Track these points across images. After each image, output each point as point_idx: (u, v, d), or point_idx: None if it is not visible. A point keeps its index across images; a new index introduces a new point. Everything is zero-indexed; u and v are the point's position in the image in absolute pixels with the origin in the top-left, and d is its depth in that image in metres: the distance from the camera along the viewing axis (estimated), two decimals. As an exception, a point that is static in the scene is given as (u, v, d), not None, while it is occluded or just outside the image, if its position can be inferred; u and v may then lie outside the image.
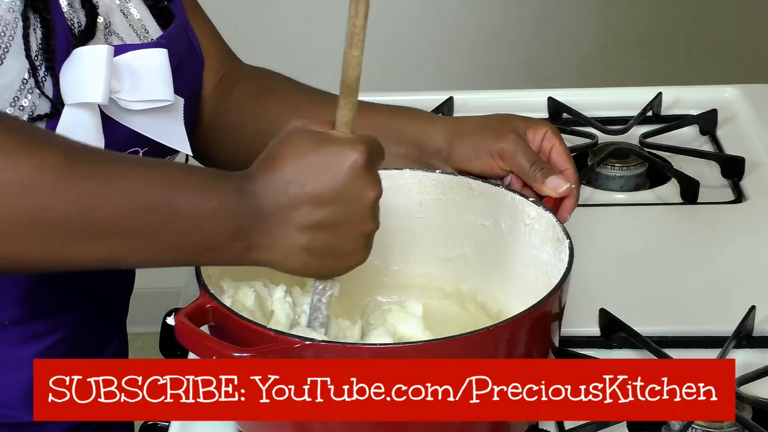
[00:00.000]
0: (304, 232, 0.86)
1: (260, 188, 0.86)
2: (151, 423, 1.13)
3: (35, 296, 1.08)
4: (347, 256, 0.89)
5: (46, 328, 1.10)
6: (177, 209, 0.85)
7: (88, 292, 1.13)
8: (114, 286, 1.19)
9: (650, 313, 1.18)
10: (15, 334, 1.09)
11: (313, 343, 0.87)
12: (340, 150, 0.86)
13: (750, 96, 1.61)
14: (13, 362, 1.09)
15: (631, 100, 1.60)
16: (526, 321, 0.91)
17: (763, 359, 1.11)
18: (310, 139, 0.87)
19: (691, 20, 2.69)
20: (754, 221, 1.34)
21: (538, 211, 1.03)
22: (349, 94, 0.89)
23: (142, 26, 1.10)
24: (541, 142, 1.09)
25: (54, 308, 1.10)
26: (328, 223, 0.86)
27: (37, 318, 1.09)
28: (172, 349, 1.28)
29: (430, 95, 1.59)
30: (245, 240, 0.86)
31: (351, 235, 0.88)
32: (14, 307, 1.07)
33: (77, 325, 1.13)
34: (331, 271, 0.91)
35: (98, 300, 1.15)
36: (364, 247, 0.89)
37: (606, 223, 1.34)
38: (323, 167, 0.85)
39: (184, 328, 0.89)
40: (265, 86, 1.23)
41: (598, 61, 2.70)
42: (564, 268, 0.95)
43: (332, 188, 0.85)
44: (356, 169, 0.86)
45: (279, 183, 0.86)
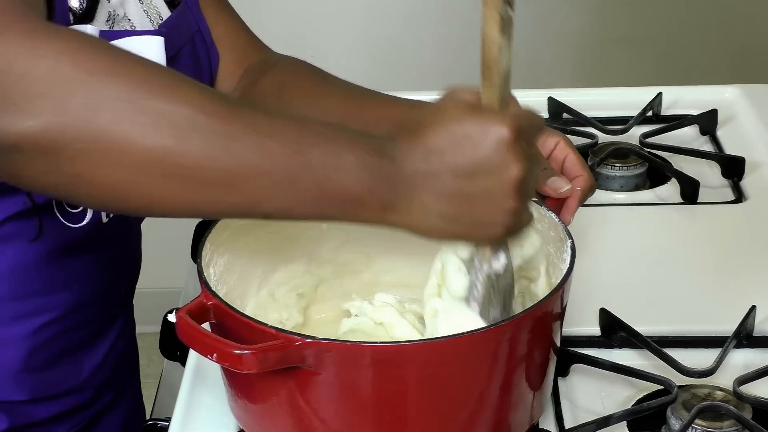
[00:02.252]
0: (440, 199, 0.85)
1: (400, 152, 0.85)
2: (151, 423, 1.13)
3: (25, 273, 1.07)
4: (484, 227, 0.87)
5: (38, 307, 1.09)
6: (311, 158, 0.83)
7: (84, 272, 1.12)
8: (115, 268, 1.18)
9: (650, 313, 1.18)
10: (5, 311, 1.08)
11: (315, 341, 0.87)
12: (485, 123, 0.84)
13: (750, 96, 1.61)
14: (4, 340, 1.09)
15: (631, 100, 1.60)
16: (528, 320, 0.91)
17: (763, 359, 1.11)
18: (457, 110, 0.85)
19: (691, 20, 2.69)
20: (754, 221, 1.35)
21: (540, 211, 1.03)
22: (488, 76, 0.87)
23: (156, 12, 1.10)
24: (553, 151, 1.10)
25: (46, 287, 1.09)
26: (465, 193, 0.85)
27: (27, 296, 1.08)
28: (173, 348, 1.28)
29: (430, 95, 1.59)
30: (381, 199, 0.85)
31: (490, 208, 0.86)
32: (3, 283, 1.07)
33: (72, 306, 1.12)
34: (468, 236, 0.89)
35: (97, 282, 1.14)
36: (503, 222, 0.87)
37: (606, 223, 1.34)
38: (465, 139, 0.84)
39: (186, 325, 0.89)
40: (289, 79, 1.22)
41: (598, 61, 2.70)
42: (566, 267, 0.95)
43: (472, 160, 0.84)
44: (500, 143, 0.84)
45: (420, 150, 0.85)
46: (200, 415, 1.05)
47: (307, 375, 0.88)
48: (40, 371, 1.12)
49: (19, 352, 1.09)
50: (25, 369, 1.10)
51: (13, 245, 1.05)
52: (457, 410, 0.91)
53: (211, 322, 0.92)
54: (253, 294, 1.06)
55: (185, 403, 1.06)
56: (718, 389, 1.04)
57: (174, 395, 1.08)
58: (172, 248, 1.78)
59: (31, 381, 1.11)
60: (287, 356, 0.86)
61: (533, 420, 0.98)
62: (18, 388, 1.10)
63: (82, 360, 1.16)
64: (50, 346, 1.11)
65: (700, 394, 1.03)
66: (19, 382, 1.10)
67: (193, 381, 1.09)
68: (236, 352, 0.86)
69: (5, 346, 1.09)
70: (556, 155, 1.10)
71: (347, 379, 0.88)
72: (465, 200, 0.85)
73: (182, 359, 1.18)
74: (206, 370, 1.09)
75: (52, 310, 1.10)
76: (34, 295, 1.09)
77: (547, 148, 1.10)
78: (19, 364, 1.10)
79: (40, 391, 1.13)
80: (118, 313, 1.22)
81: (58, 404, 1.15)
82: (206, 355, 0.88)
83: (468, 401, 0.91)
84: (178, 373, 1.16)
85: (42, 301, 1.10)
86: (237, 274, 1.03)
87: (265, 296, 1.06)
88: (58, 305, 1.11)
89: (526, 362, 0.93)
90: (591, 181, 1.09)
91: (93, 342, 1.17)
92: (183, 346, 1.24)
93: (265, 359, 0.86)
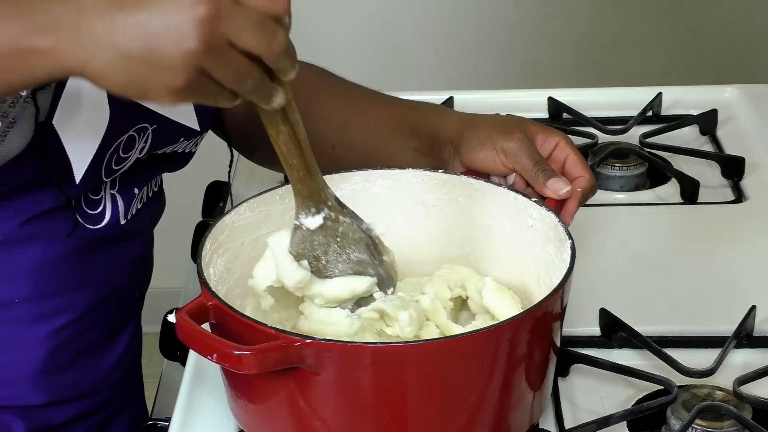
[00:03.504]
0: (112, 26, 0.76)
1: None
2: (151, 423, 1.13)
3: (46, 273, 1.07)
4: (162, 70, 0.77)
5: (57, 308, 1.10)
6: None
7: (101, 273, 1.13)
8: (130, 269, 1.19)
9: (650, 313, 1.18)
10: (25, 312, 1.08)
11: (314, 341, 0.87)
12: None
13: (750, 96, 1.61)
14: (23, 341, 1.09)
15: (631, 100, 1.60)
16: (528, 321, 0.91)
17: (763, 359, 1.11)
18: None
19: (691, 20, 2.69)
20: (754, 221, 1.35)
21: (540, 211, 1.03)
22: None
23: None
24: (553, 151, 1.10)
25: (64, 287, 1.09)
26: (134, 22, 0.76)
27: (46, 297, 1.08)
28: (173, 348, 1.29)
29: (430, 95, 1.59)
30: (43, 32, 0.77)
31: (165, 46, 0.76)
32: (24, 284, 1.07)
33: (89, 306, 1.12)
34: (145, 84, 0.78)
35: (113, 283, 1.15)
36: (181, 68, 0.77)
37: (606, 223, 1.34)
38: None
39: (185, 325, 0.89)
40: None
41: (598, 61, 2.70)
42: (566, 268, 0.95)
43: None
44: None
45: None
46: (200, 415, 1.05)
47: (306, 375, 0.88)
48: (58, 373, 1.12)
49: (38, 354, 1.10)
50: (43, 371, 1.10)
51: (35, 245, 1.06)
52: (457, 410, 0.91)
53: (210, 322, 0.92)
54: (253, 294, 1.06)
55: (185, 403, 1.06)
56: (718, 389, 1.04)
57: (174, 395, 1.08)
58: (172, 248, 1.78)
59: (49, 383, 1.11)
60: (287, 357, 0.86)
61: (533, 420, 0.98)
62: (36, 391, 1.11)
63: (99, 361, 1.17)
64: (68, 347, 1.12)
65: (700, 394, 1.03)
66: (37, 385, 1.10)
67: (193, 381, 1.09)
68: (236, 353, 0.86)
69: (24, 347, 1.09)
70: (556, 155, 1.10)
71: (347, 379, 0.88)
72: (136, 31, 0.76)
73: (182, 359, 1.18)
74: (206, 370, 1.09)
75: (69, 311, 1.11)
76: (53, 296, 1.09)
77: (547, 149, 1.10)
78: (37, 366, 1.10)
79: (58, 394, 1.13)
80: (131, 315, 1.22)
81: (75, 407, 1.15)
82: (206, 355, 0.88)
83: (468, 401, 0.91)
84: (178, 373, 1.16)
85: (60, 302, 1.10)
86: (237, 274, 1.03)
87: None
88: (75, 306, 1.11)
89: (527, 362, 0.93)
90: (592, 182, 1.09)
91: (108, 343, 1.18)
92: (183, 346, 1.24)
93: (264, 360, 0.86)
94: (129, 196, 1.12)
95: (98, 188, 1.08)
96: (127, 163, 1.08)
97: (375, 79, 1.40)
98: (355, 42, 2.68)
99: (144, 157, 1.10)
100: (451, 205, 1.09)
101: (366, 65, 2.66)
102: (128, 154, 1.07)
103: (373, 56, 2.70)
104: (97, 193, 1.09)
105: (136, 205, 1.13)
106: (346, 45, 2.67)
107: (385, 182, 1.08)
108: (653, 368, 1.08)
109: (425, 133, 1.16)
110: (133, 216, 1.13)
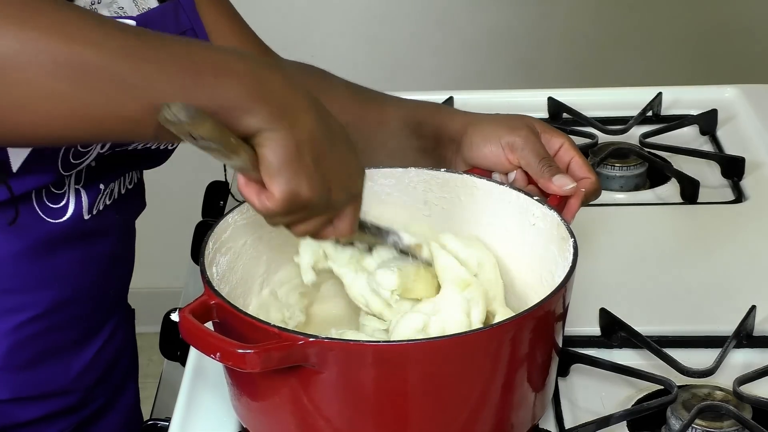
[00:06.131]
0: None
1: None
2: (151, 423, 1.13)
3: (5, 268, 1.05)
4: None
5: (16, 304, 1.07)
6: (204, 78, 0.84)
7: (65, 270, 1.10)
8: (101, 268, 1.16)
9: (650, 313, 1.18)
10: None
11: (317, 340, 0.87)
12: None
13: (750, 96, 1.61)
14: None
15: (631, 100, 1.60)
16: (530, 320, 0.91)
17: (763, 359, 1.11)
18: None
19: (691, 20, 2.69)
20: (754, 221, 1.35)
21: (542, 209, 1.03)
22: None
23: (146, 4, 1.08)
24: (557, 152, 1.10)
25: (24, 284, 1.07)
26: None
27: (7, 292, 1.06)
28: (173, 348, 1.29)
29: (430, 95, 1.59)
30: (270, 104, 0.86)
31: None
32: None
33: (54, 304, 1.10)
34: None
35: (81, 281, 1.12)
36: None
37: (606, 223, 1.35)
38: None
39: (189, 324, 0.89)
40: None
41: (598, 61, 2.70)
42: (568, 266, 0.96)
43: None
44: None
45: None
46: (200, 415, 1.05)
47: (309, 374, 0.88)
48: (22, 370, 1.10)
49: (1, 348, 1.07)
50: (5, 367, 1.09)
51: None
52: (460, 409, 0.91)
53: (213, 321, 0.92)
54: (256, 293, 1.06)
55: (185, 403, 1.06)
56: (718, 389, 1.04)
57: (174, 395, 1.08)
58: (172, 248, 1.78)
59: (12, 380, 1.09)
60: (290, 355, 0.87)
61: (535, 420, 0.98)
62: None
63: (69, 361, 1.14)
64: (31, 344, 1.10)
65: (700, 394, 1.03)
66: (0, 381, 1.09)
67: (193, 381, 1.09)
68: (239, 352, 0.86)
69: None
70: (561, 156, 1.10)
71: (350, 378, 0.88)
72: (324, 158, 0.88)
73: (182, 359, 1.18)
74: (206, 369, 1.09)
75: (31, 308, 1.08)
76: (12, 292, 1.07)
77: (551, 148, 1.10)
78: (0, 360, 1.08)
79: (23, 391, 1.11)
80: (109, 315, 1.19)
81: (44, 405, 1.13)
82: (209, 354, 0.88)
83: (470, 400, 0.91)
84: (178, 373, 1.16)
85: (20, 299, 1.08)
86: (239, 273, 1.03)
87: (267, 295, 1.06)
88: (38, 303, 1.09)
89: (529, 362, 0.93)
90: (597, 184, 1.09)
91: (81, 343, 1.15)
92: (183, 346, 1.25)
93: (268, 358, 0.86)
94: (94, 191, 1.09)
95: (61, 182, 1.06)
96: (88, 157, 1.05)
97: (375, 79, 1.41)
98: (355, 42, 2.68)
99: (107, 153, 1.07)
100: (453, 204, 1.09)
101: (366, 65, 2.66)
102: (88, 149, 1.05)
103: (373, 56, 2.70)
104: (60, 187, 1.06)
105: (103, 201, 1.11)
106: (346, 45, 2.67)
107: (388, 181, 1.08)
108: (653, 368, 1.09)
109: (430, 131, 1.16)
110: (99, 212, 1.10)
